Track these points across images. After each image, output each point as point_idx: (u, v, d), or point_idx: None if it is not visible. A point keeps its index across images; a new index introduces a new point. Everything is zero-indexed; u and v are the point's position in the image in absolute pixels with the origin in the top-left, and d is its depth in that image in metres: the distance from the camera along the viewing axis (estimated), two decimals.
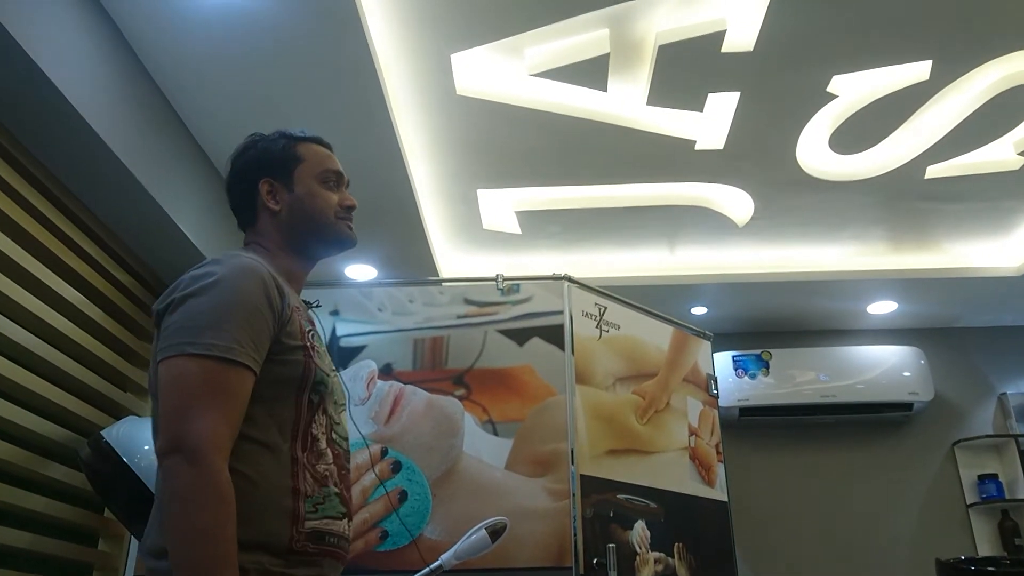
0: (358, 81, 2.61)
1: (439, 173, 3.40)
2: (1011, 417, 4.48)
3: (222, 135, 2.89)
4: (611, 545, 2.72)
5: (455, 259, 4.11)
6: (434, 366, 2.96)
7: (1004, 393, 4.60)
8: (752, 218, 3.77)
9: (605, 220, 3.80)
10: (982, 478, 4.38)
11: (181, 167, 2.82)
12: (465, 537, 1.88)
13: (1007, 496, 4.29)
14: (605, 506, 2.83)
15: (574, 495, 2.71)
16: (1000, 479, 4.35)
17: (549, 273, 3.14)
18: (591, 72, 2.81)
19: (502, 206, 3.71)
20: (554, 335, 2.99)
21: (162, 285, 2.92)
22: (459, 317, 3.05)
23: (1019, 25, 2.64)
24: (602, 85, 2.88)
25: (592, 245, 4.06)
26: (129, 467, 2.18)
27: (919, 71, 2.84)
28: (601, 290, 3.21)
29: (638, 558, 2.87)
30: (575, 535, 2.64)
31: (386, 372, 2.94)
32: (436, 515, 2.68)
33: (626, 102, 2.99)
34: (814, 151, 3.31)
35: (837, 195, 3.60)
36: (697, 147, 3.22)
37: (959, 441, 4.51)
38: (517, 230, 3.85)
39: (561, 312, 3.02)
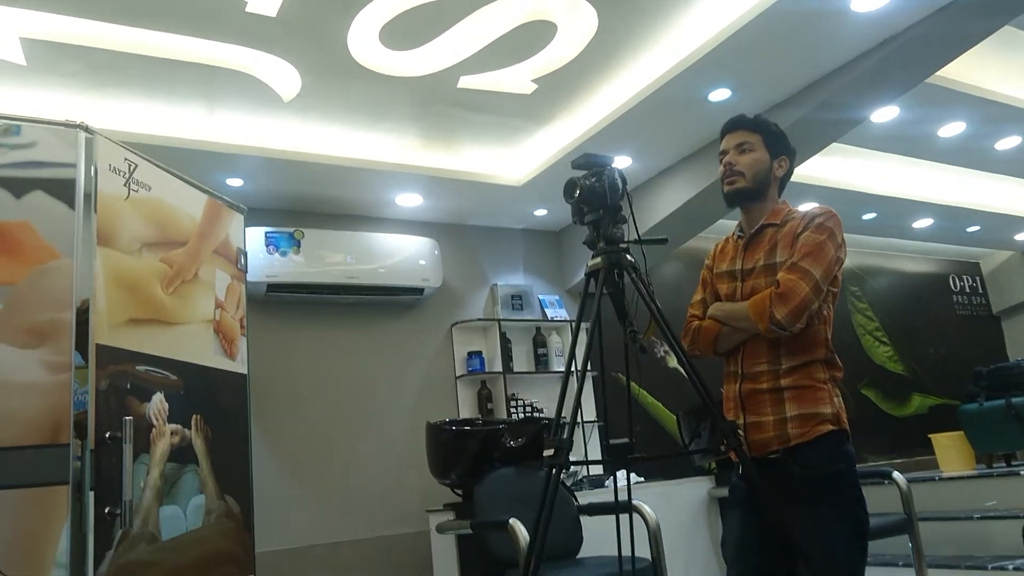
0: None
1: None
2: (498, 304, 5.32)
3: None
4: (127, 418, 2.57)
5: None
6: None
7: (495, 284, 5.43)
8: (299, 95, 3.72)
9: (136, 67, 3.37)
10: (470, 354, 5.15)
11: None
12: None
13: (486, 369, 5.13)
14: (122, 378, 2.65)
15: (86, 368, 2.47)
16: (483, 355, 5.16)
17: (62, 118, 2.71)
18: None
19: (1, 26, 3.05)
20: (62, 190, 2.61)
21: None
22: None
23: None
24: None
25: (119, 93, 3.58)
26: None
27: None
28: (127, 146, 2.88)
29: (154, 430, 2.78)
30: (82, 410, 2.42)
31: None
32: None
33: None
34: (365, 41, 3.37)
35: (381, 87, 3.74)
36: (248, 8, 3.03)
37: (457, 323, 5.21)
38: (21, 60, 3.21)
39: (73, 165, 2.65)
